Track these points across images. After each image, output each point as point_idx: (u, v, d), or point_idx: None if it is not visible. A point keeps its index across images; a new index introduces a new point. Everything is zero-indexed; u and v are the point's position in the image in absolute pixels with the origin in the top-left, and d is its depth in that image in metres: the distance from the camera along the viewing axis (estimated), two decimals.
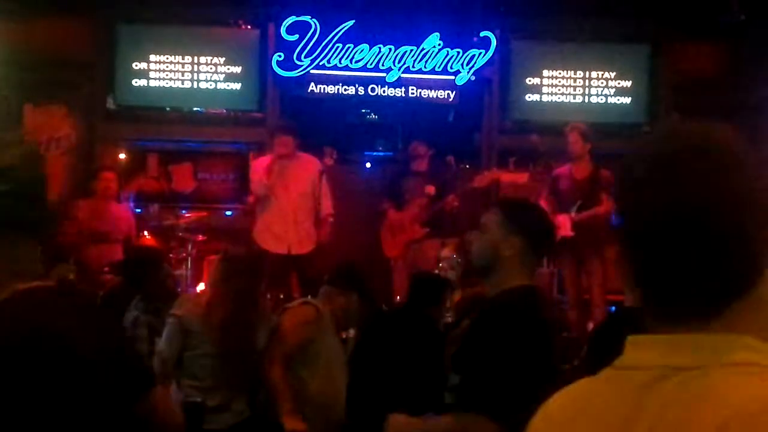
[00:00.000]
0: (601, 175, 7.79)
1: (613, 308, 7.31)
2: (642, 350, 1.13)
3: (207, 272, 7.69)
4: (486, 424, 2.67)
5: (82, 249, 7.86)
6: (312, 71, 9.48)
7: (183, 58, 9.61)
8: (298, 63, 9.44)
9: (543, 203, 8.00)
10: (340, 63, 9.48)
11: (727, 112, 9.53)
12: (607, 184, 7.76)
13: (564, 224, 7.72)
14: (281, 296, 7.15)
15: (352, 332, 5.65)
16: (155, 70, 9.59)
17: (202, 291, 4.83)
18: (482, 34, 9.57)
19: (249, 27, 9.72)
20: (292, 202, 7.86)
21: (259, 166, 8.04)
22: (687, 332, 1.10)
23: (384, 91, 9.61)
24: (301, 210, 7.89)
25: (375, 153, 10.08)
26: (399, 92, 9.61)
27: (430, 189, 8.41)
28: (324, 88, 9.55)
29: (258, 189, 7.97)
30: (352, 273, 5.11)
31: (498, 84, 9.84)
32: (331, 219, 8.05)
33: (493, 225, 2.95)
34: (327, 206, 8.02)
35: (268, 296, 6.14)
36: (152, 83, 9.59)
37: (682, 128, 1.17)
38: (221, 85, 9.65)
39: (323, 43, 9.41)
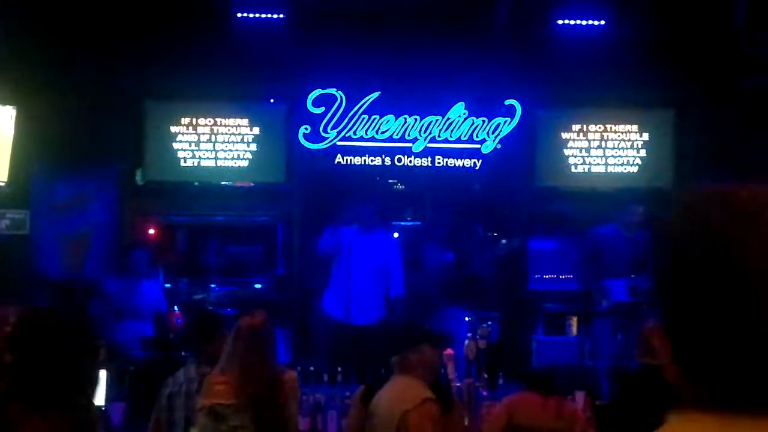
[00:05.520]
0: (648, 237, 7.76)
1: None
2: None
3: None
4: None
5: (113, 325, 7.89)
6: (338, 143, 9.53)
7: (211, 130, 9.68)
8: (325, 135, 9.50)
9: (581, 267, 7.99)
10: (366, 134, 9.53)
11: (752, 177, 9.54)
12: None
13: (619, 289, 7.62)
14: (311, 368, 6.99)
15: None
16: (183, 144, 9.67)
17: (222, 371, 4.79)
18: (507, 102, 9.62)
19: (275, 101, 9.82)
20: (364, 272, 7.93)
21: (337, 232, 8.17)
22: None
23: (410, 161, 9.63)
24: (371, 282, 7.99)
25: (403, 222, 10.08)
26: (425, 162, 9.63)
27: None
28: (350, 159, 9.59)
29: (323, 249, 8.15)
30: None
31: (524, 151, 9.84)
32: (399, 300, 8.16)
33: None
34: (397, 284, 8.16)
35: (298, 368, 6.14)
36: (180, 158, 9.65)
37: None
38: (248, 159, 9.70)
39: (349, 115, 9.49)
